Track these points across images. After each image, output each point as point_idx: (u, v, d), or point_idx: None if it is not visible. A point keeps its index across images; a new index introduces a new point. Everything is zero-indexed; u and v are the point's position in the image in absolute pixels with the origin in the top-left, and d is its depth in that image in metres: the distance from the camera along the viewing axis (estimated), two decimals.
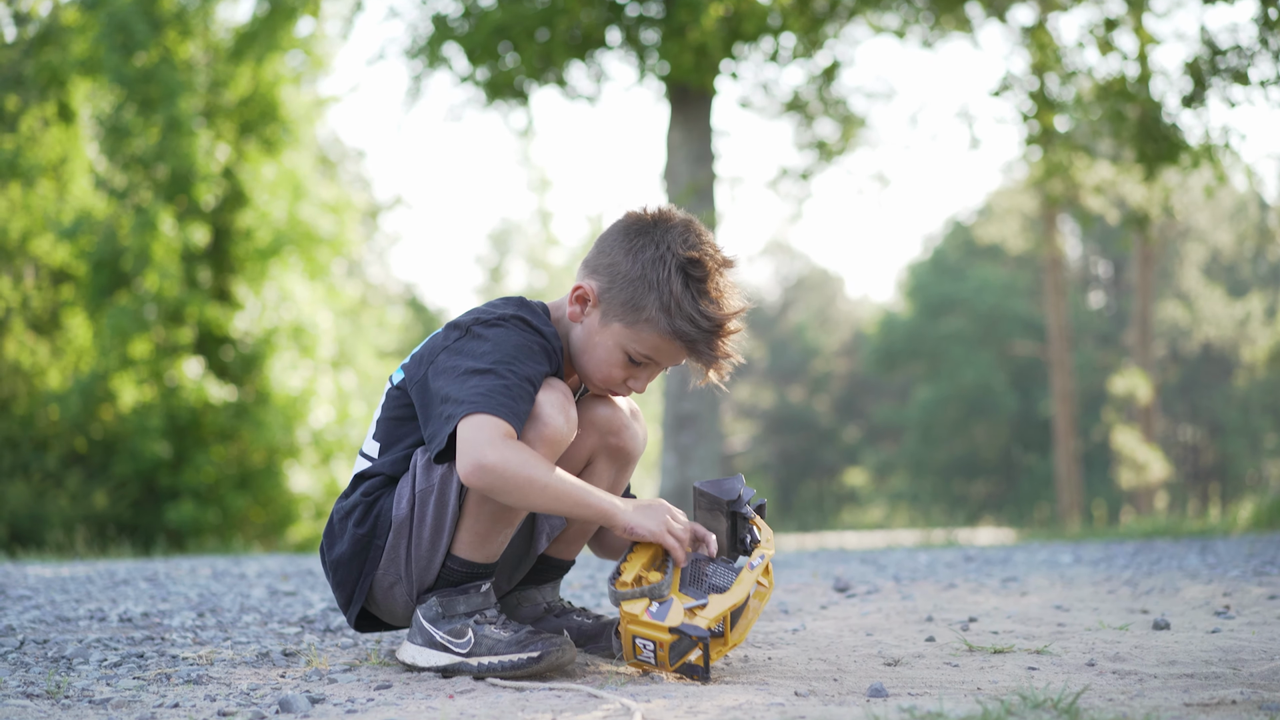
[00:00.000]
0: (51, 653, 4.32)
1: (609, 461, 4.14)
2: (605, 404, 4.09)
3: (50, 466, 21.96)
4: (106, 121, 22.31)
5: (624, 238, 3.89)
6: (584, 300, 3.91)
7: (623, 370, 3.90)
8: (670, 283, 3.80)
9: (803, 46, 15.42)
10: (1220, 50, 13.70)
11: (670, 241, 3.84)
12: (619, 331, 3.86)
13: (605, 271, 3.88)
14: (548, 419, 3.74)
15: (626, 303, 3.83)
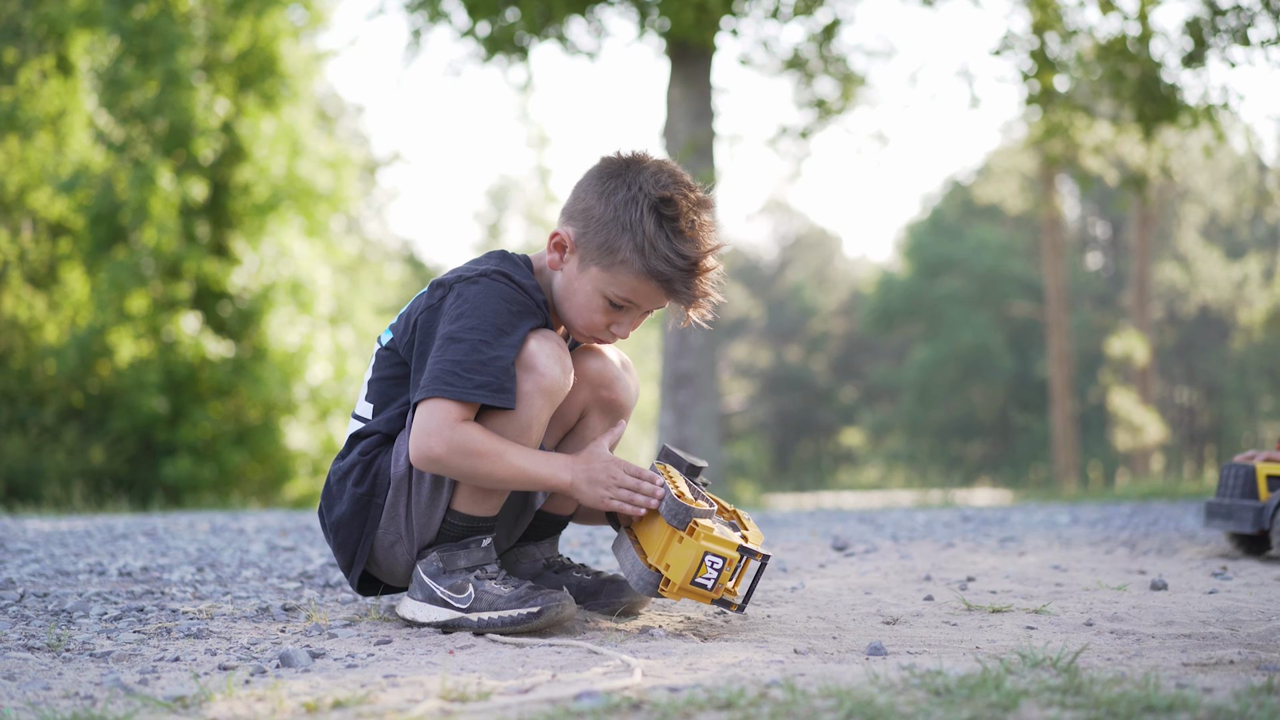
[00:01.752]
0: (52, 606, 4.33)
1: (601, 415, 4.13)
2: (596, 357, 4.08)
3: (47, 421, 21.97)
4: (105, 74, 22.26)
5: (597, 181, 3.87)
6: (562, 247, 3.89)
7: (604, 315, 3.88)
8: (643, 223, 3.78)
9: (803, 3, 15.39)
10: (1220, 10, 13.68)
11: (642, 182, 3.82)
12: (597, 276, 3.84)
13: (580, 217, 3.86)
14: (544, 369, 3.74)
15: (602, 246, 3.81)
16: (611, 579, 4.19)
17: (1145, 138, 15.29)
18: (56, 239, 23.70)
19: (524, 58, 15.57)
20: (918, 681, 2.90)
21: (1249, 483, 5.73)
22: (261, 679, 3.13)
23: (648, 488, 3.73)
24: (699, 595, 3.68)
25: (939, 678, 2.91)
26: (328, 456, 22.53)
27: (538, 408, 3.77)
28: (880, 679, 2.94)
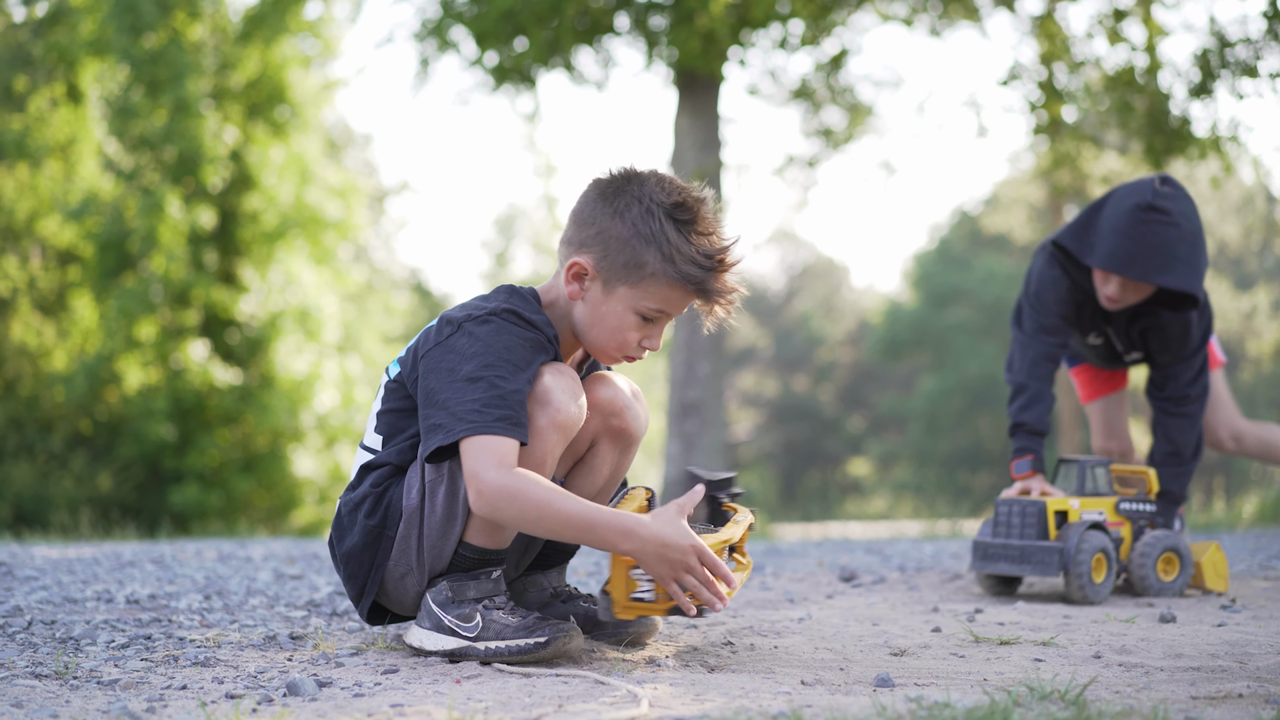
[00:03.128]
0: (59, 633, 4.33)
1: (611, 444, 4.11)
2: (606, 385, 4.05)
3: (55, 448, 22.00)
4: (114, 103, 22.33)
5: (603, 202, 3.88)
6: (581, 276, 3.88)
7: (637, 332, 3.89)
8: (665, 231, 3.79)
9: (811, 33, 15.42)
10: (1229, 42, 13.70)
11: (649, 193, 3.84)
12: (626, 295, 3.84)
13: (595, 241, 3.85)
14: (559, 404, 3.73)
15: (627, 264, 3.81)
16: None
17: (1154, 168, 15.29)
18: (65, 266, 23.75)
19: (531, 87, 15.60)
20: (925, 714, 2.89)
21: (1040, 522, 5.34)
22: (269, 708, 3.13)
23: (716, 590, 3.59)
24: (649, 609, 3.66)
25: (946, 710, 2.90)
26: (335, 484, 22.53)
27: (552, 443, 3.77)
28: (887, 711, 2.94)
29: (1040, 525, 5.32)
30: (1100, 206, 5.76)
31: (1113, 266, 5.56)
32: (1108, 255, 5.57)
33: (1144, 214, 5.52)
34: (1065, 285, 5.86)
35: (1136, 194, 5.58)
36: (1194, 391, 5.99)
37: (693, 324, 15.01)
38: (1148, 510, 5.63)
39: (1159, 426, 6.01)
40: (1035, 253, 6.01)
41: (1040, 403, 5.81)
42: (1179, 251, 5.53)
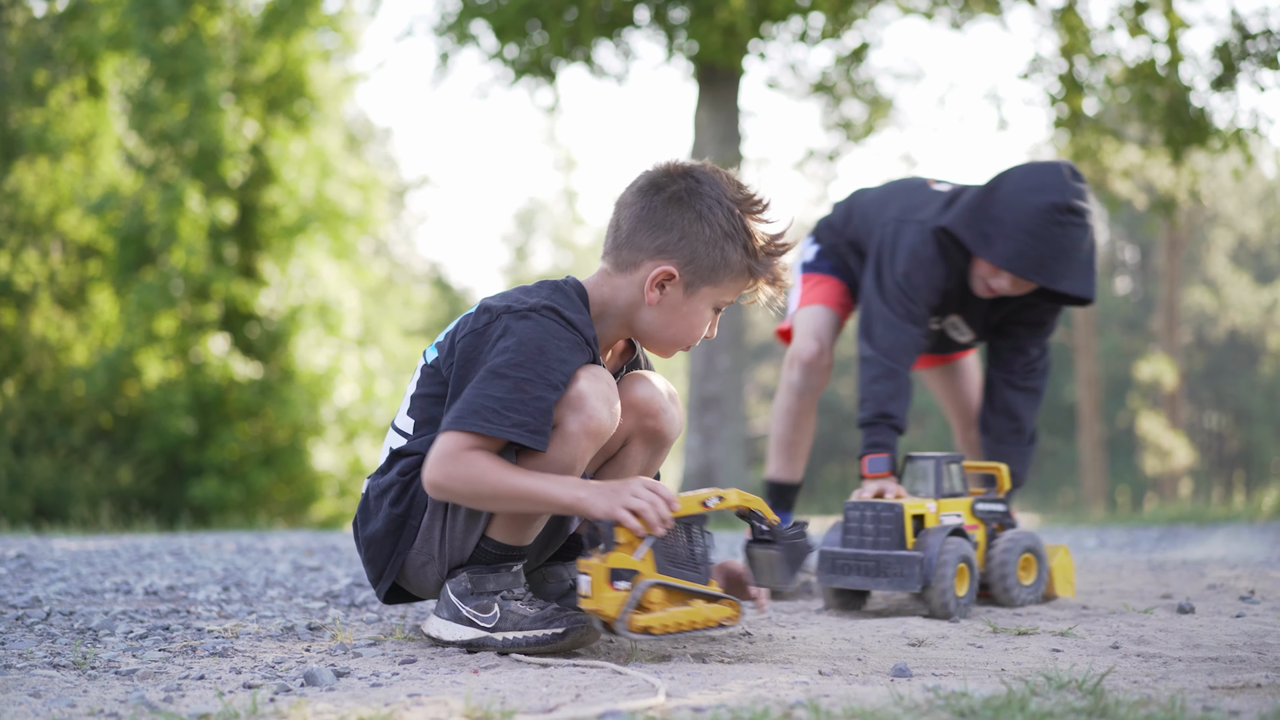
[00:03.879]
0: (78, 624, 4.34)
1: (644, 445, 4.11)
2: (644, 385, 4.04)
3: (75, 442, 22.06)
4: (135, 97, 22.39)
5: (679, 206, 3.84)
6: (663, 282, 3.85)
7: (701, 330, 3.95)
8: (746, 227, 3.83)
9: (831, 27, 15.40)
10: (1250, 34, 13.67)
11: (721, 190, 3.84)
12: (708, 294, 3.87)
13: (679, 246, 3.82)
14: (593, 411, 3.72)
15: (715, 265, 3.83)
16: None
17: (1174, 161, 15.26)
18: (86, 260, 23.82)
19: (551, 80, 15.60)
20: (942, 703, 2.89)
21: (897, 529, 4.63)
22: (286, 697, 3.13)
23: (661, 510, 3.61)
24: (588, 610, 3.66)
25: (964, 699, 2.90)
26: (354, 478, 22.57)
27: (583, 448, 3.76)
28: (905, 700, 2.93)
29: (897, 532, 4.61)
30: (993, 190, 5.24)
31: (1019, 270, 5.14)
32: (1015, 256, 5.13)
33: (1060, 215, 5.10)
34: (941, 272, 5.37)
35: (1049, 189, 5.12)
36: (1042, 365, 5.69)
37: None
38: (999, 510, 5.00)
39: (1000, 401, 5.61)
40: (901, 224, 5.44)
41: (906, 396, 5.33)
42: (1084, 254, 5.22)
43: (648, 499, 3.60)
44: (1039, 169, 5.20)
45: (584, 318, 3.81)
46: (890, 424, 5.23)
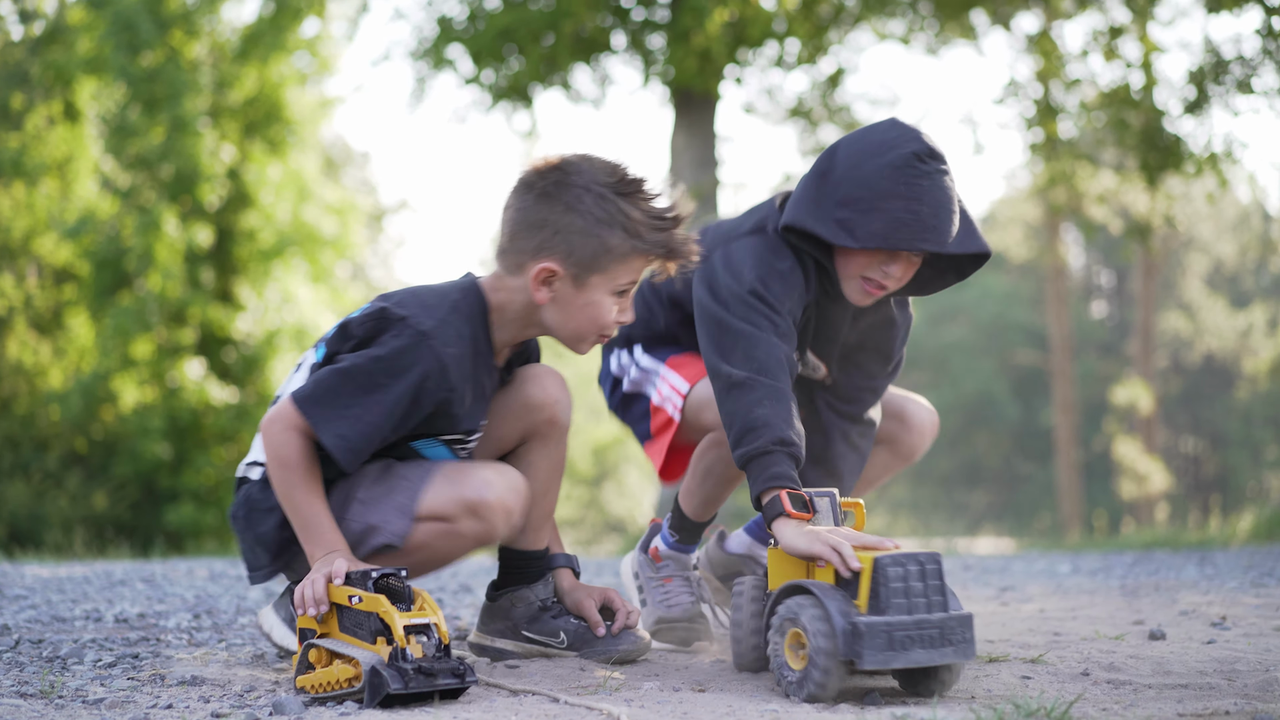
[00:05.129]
0: (46, 652, 4.32)
1: (542, 440, 4.12)
2: (531, 384, 4.07)
3: (50, 467, 21.98)
4: (111, 121, 22.35)
5: (548, 201, 3.81)
6: (549, 280, 3.82)
7: (609, 316, 3.88)
8: (621, 209, 3.78)
9: (807, 52, 15.46)
10: (1224, 60, 13.73)
11: (591, 177, 3.81)
12: (599, 282, 3.82)
13: (555, 242, 3.79)
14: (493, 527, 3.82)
15: (595, 253, 3.78)
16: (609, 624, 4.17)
17: (1149, 186, 15.33)
18: (61, 284, 23.76)
19: (528, 105, 15.62)
20: None
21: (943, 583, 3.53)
22: None
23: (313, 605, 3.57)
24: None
25: None
26: None
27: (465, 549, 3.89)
28: None
29: (944, 587, 3.54)
30: (828, 173, 4.15)
31: (903, 242, 4.04)
32: (892, 229, 4.03)
33: (923, 164, 4.07)
34: (799, 282, 4.21)
35: (897, 143, 4.08)
36: (877, 416, 4.63)
37: None
38: None
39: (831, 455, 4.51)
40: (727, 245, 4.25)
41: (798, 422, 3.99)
42: (960, 205, 4.21)
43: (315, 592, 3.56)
44: (871, 130, 4.20)
45: (459, 351, 3.79)
46: (790, 453, 3.86)
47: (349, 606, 3.50)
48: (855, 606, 3.41)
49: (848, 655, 3.32)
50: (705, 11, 14.05)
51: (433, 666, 3.37)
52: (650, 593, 4.60)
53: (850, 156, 4.12)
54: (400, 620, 3.39)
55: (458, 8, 15.18)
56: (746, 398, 3.92)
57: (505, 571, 4.24)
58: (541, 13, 14.47)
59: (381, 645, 3.42)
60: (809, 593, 3.47)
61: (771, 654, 3.50)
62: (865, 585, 3.41)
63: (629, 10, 14.87)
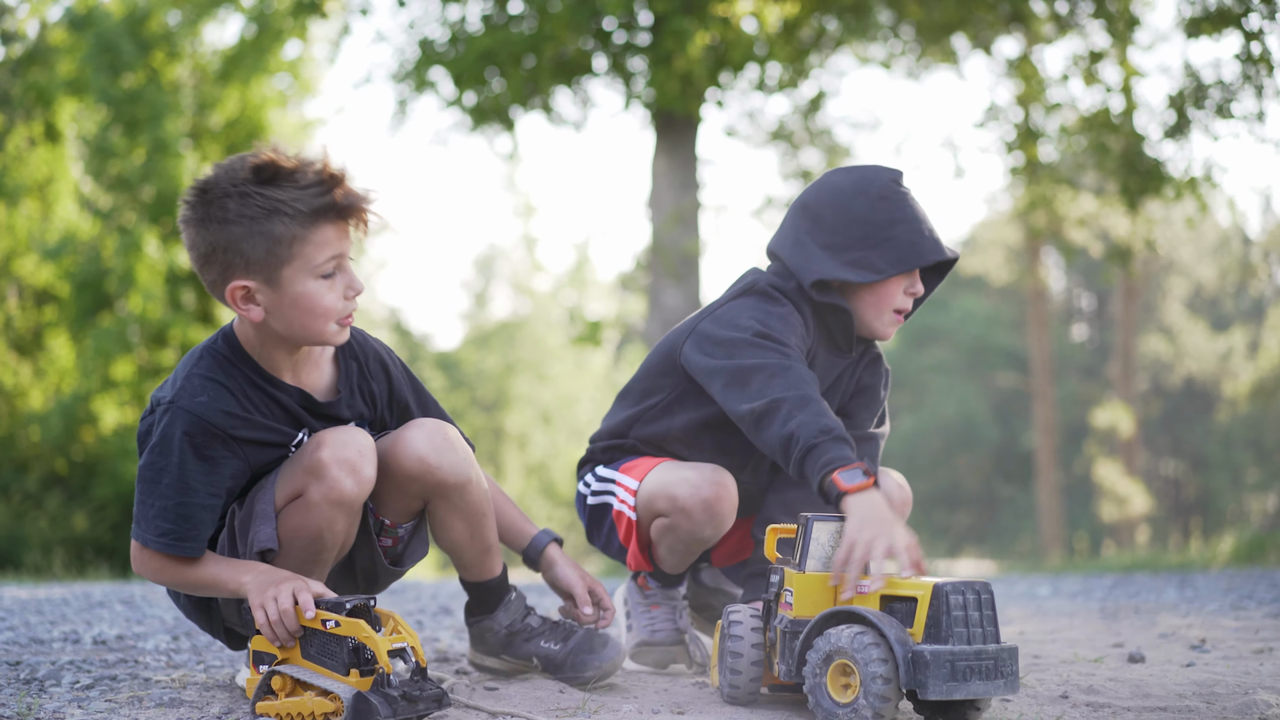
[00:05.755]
0: (24, 674, 4.31)
1: (445, 504, 4.03)
2: (410, 446, 3.94)
3: (30, 488, 21.90)
4: (92, 142, 22.32)
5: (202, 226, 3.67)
6: (249, 296, 3.70)
7: (331, 293, 3.73)
8: (268, 196, 3.62)
9: (789, 76, 15.49)
10: (1204, 84, 13.77)
11: (228, 183, 3.65)
12: (292, 274, 3.66)
13: (226, 257, 3.65)
14: (334, 481, 3.74)
15: (269, 249, 3.63)
16: (575, 649, 4.15)
17: (1129, 210, 15.36)
18: (42, 306, 23.69)
19: (510, 128, 15.62)
20: None
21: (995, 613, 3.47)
22: None
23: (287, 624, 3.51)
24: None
25: None
26: None
27: (328, 517, 3.77)
28: None
29: (995, 616, 3.47)
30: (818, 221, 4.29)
31: (926, 256, 4.24)
32: (910, 249, 4.23)
33: (901, 186, 4.29)
34: (799, 325, 4.27)
35: (870, 176, 4.29)
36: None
37: None
38: None
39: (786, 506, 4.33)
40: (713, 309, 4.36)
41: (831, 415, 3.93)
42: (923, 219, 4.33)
43: (280, 608, 3.51)
44: (835, 177, 4.37)
45: (209, 397, 3.74)
46: (833, 437, 3.79)
47: (321, 631, 3.47)
48: (910, 635, 3.34)
49: (910, 685, 3.26)
50: (687, 35, 14.06)
51: (416, 693, 3.37)
52: (636, 618, 4.59)
53: (835, 203, 4.27)
54: (384, 645, 3.39)
55: (439, 30, 15.20)
56: (775, 420, 3.89)
57: (469, 601, 4.27)
58: (523, 35, 14.48)
59: (355, 678, 3.39)
60: (860, 620, 3.38)
61: (811, 689, 3.39)
62: (923, 613, 3.34)
63: (610, 33, 14.88)
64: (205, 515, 3.71)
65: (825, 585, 3.57)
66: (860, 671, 3.26)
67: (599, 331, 17.07)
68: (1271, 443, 44.11)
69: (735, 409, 4.03)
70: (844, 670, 3.33)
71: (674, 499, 4.22)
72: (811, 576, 3.58)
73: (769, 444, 3.91)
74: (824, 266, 4.21)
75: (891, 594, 3.44)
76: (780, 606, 3.66)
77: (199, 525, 3.70)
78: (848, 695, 3.31)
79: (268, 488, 3.82)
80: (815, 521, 3.63)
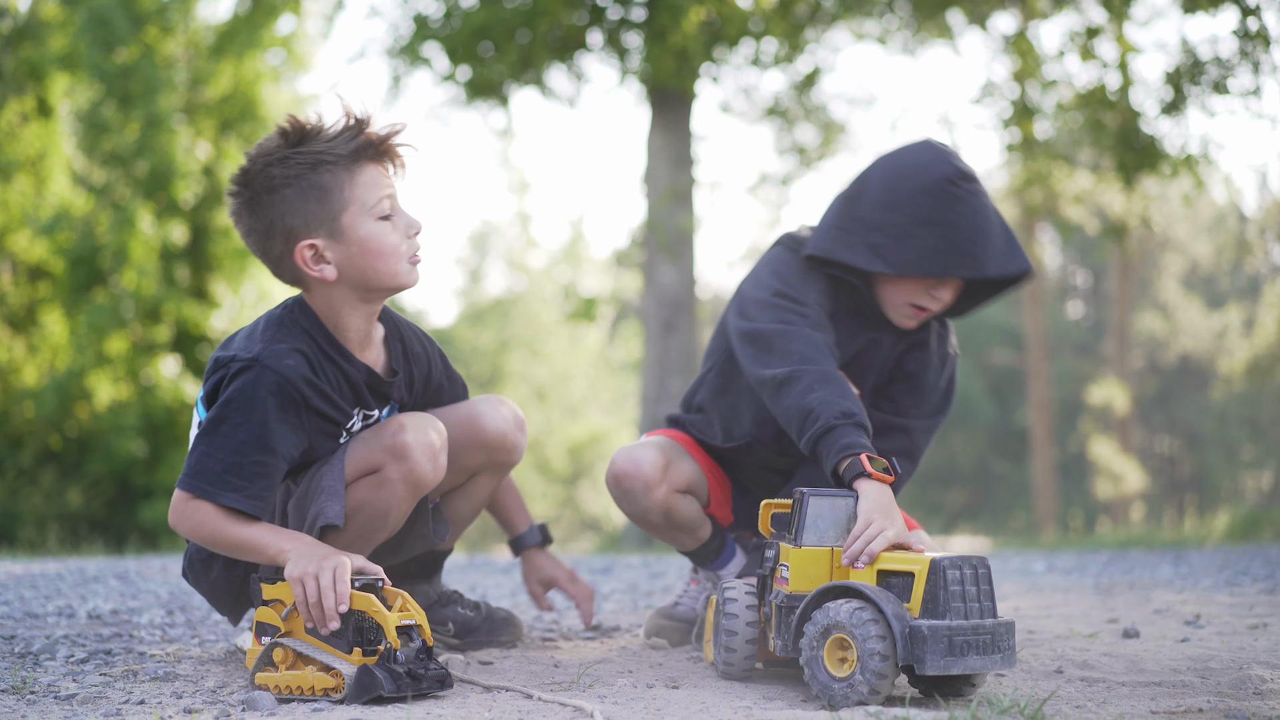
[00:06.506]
0: (18, 648, 4.31)
1: (492, 475, 4.24)
2: (495, 420, 4.11)
3: (24, 464, 21.90)
4: (85, 117, 22.28)
5: (255, 201, 3.76)
6: (317, 255, 3.76)
7: (395, 236, 3.78)
8: (304, 153, 3.72)
9: (784, 52, 15.47)
10: (1200, 61, 13.75)
11: (265, 155, 3.76)
12: (352, 221, 3.73)
13: (288, 226, 3.73)
14: (416, 463, 3.81)
15: (320, 200, 3.71)
16: (490, 616, 4.44)
17: (1125, 187, 15.35)
18: (35, 282, 23.65)
19: (504, 104, 15.60)
20: None
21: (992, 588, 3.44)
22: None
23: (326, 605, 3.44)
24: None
25: None
26: None
27: (399, 496, 3.84)
28: None
29: (992, 591, 3.42)
30: (858, 197, 4.18)
31: (939, 268, 4.08)
32: (927, 255, 4.05)
33: (955, 187, 4.06)
34: (822, 285, 4.22)
35: (930, 166, 4.09)
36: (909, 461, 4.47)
37: (665, 341, 15.00)
38: None
39: None
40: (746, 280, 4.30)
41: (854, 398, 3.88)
42: (999, 223, 4.17)
43: (324, 587, 3.45)
44: (904, 153, 4.20)
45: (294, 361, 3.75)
46: (854, 423, 3.75)
47: None
48: (907, 610, 3.32)
49: (908, 660, 3.24)
50: (682, 10, 14.05)
51: (422, 671, 3.39)
52: (682, 589, 4.68)
53: (883, 180, 4.14)
54: (393, 621, 3.40)
55: (433, 5, 15.18)
56: (794, 390, 3.86)
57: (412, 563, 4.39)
58: (518, 10, 14.47)
59: (358, 656, 3.40)
60: (857, 595, 3.35)
61: (808, 662, 3.35)
62: (920, 587, 3.32)
63: (605, 9, 14.87)
64: (276, 477, 3.72)
65: (822, 560, 3.56)
66: (858, 647, 3.24)
67: (594, 308, 17.09)
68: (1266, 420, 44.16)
69: (756, 373, 4.01)
70: (841, 644, 3.31)
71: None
72: (808, 551, 3.57)
73: (785, 413, 3.88)
74: (832, 245, 4.14)
75: (888, 569, 3.42)
76: (775, 581, 3.65)
77: (270, 487, 3.70)
78: (844, 669, 3.29)
79: (336, 465, 3.84)
80: (811, 497, 3.60)
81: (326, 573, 3.44)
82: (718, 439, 4.44)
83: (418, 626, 3.46)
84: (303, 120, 3.77)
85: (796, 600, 3.52)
